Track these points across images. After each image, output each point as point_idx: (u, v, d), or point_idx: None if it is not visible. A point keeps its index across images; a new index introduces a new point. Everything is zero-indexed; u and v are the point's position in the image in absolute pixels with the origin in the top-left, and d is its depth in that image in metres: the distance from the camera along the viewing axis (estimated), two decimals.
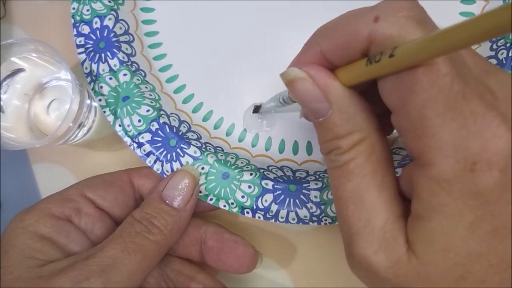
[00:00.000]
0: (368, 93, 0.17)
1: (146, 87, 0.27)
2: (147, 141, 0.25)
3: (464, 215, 0.14)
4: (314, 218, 0.24)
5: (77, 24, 0.27)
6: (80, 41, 0.27)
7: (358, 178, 0.16)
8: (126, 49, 0.27)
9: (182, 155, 0.25)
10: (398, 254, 0.15)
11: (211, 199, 0.25)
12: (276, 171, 0.26)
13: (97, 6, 0.27)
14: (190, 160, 0.25)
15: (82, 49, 0.27)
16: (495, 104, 0.14)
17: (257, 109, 0.27)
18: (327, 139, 0.17)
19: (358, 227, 0.16)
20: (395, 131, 0.17)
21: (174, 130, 0.26)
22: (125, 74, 0.26)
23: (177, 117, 0.27)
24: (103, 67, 0.26)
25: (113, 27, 0.27)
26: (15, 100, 0.27)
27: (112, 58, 0.26)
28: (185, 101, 0.28)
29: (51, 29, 0.30)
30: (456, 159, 0.14)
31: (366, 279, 0.17)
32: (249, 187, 0.25)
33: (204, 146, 0.26)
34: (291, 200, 0.24)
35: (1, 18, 0.30)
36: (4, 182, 0.29)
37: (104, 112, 0.26)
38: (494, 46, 0.25)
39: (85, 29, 0.27)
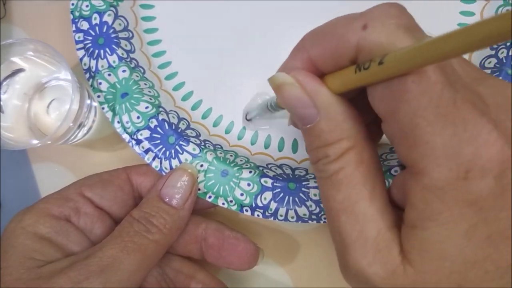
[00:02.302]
0: (356, 100, 0.17)
1: (145, 84, 0.26)
2: (146, 138, 0.25)
3: (458, 223, 0.14)
4: (314, 217, 0.24)
5: (76, 20, 0.27)
6: (79, 37, 0.26)
7: (348, 189, 0.16)
8: (126, 45, 0.27)
9: (181, 152, 0.25)
10: (393, 265, 0.15)
11: (210, 197, 0.24)
12: (276, 169, 0.25)
13: (97, 2, 0.27)
14: (189, 158, 0.25)
15: (81, 45, 0.26)
16: (486, 111, 0.14)
17: (247, 118, 0.27)
18: (315, 146, 0.16)
19: (351, 238, 0.16)
20: (384, 137, 0.17)
21: (173, 127, 0.25)
22: (124, 71, 0.26)
23: (176, 114, 0.27)
24: (102, 63, 0.26)
25: (113, 23, 0.27)
26: (15, 100, 0.27)
27: (111, 55, 0.26)
28: (184, 98, 0.28)
29: (51, 29, 0.30)
30: (448, 167, 0.13)
31: None
32: (248, 185, 0.24)
33: (203, 144, 0.26)
34: (290, 198, 0.24)
35: (1, 18, 0.30)
36: (4, 182, 0.29)
37: (103, 108, 0.26)
38: (494, 45, 0.25)
39: (84, 25, 0.27)
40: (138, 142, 0.25)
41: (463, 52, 0.11)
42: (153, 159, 0.25)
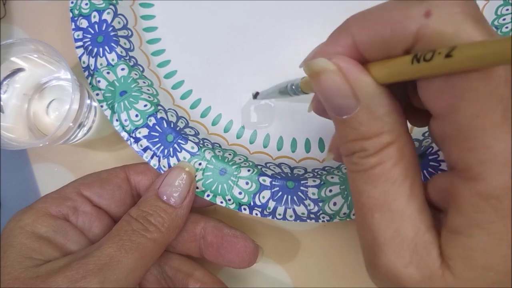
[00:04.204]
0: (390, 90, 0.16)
1: (144, 82, 0.26)
2: (144, 136, 0.25)
3: (509, 233, 0.13)
4: (312, 216, 0.24)
5: (75, 18, 0.27)
6: (78, 35, 0.26)
7: (386, 185, 0.15)
8: (125, 43, 0.27)
9: (179, 150, 0.25)
10: (431, 269, 0.14)
11: (208, 195, 0.24)
12: (274, 167, 0.25)
13: (96, 0, 0.27)
14: (188, 156, 0.25)
15: (80, 43, 0.26)
16: None
17: (256, 95, 0.26)
18: (350, 139, 0.15)
19: (384, 237, 0.15)
20: None
21: (172, 126, 0.25)
22: (123, 69, 0.26)
23: (175, 112, 0.27)
24: (101, 61, 0.26)
25: (112, 21, 0.27)
26: (14, 100, 0.27)
27: (110, 53, 0.26)
28: (183, 97, 0.28)
29: (51, 29, 0.30)
30: (510, 175, 0.12)
31: None
32: (247, 183, 0.24)
33: (201, 142, 0.26)
34: (289, 197, 0.24)
35: (1, 18, 0.30)
36: (4, 182, 0.29)
37: (102, 106, 0.26)
38: None
39: (84, 23, 0.27)
40: (137, 140, 0.25)
41: None
42: (152, 157, 0.25)
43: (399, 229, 0.14)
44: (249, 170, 0.25)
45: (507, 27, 0.25)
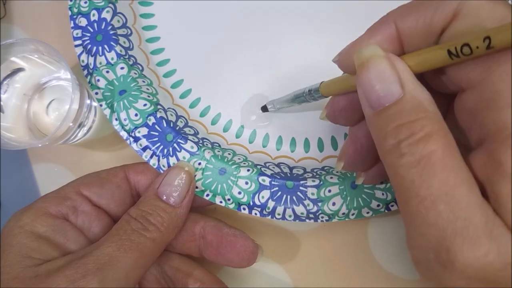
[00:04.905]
0: None
1: (144, 81, 0.26)
2: (144, 136, 0.25)
3: None
4: (311, 215, 0.24)
5: (74, 17, 0.27)
6: (77, 34, 0.26)
7: (445, 173, 0.14)
8: (124, 42, 0.27)
9: (178, 150, 0.25)
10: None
11: (207, 195, 0.24)
12: (273, 167, 0.25)
13: None
14: (187, 155, 0.25)
15: (79, 42, 0.26)
16: None
17: (265, 108, 0.27)
18: (395, 125, 0.15)
19: (454, 229, 0.13)
20: None
21: (171, 125, 0.25)
22: (122, 68, 0.26)
23: (174, 112, 0.27)
24: (100, 60, 0.26)
25: (111, 20, 0.26)
26: (14, 100, 0.27)
27: (110, 51, 0.26)
28: (183, 96, 0.28)
29: (51, 29, 0.30)
30: None
31: None
32: (246, 183, 0.24)
33: (201, 142, 0.26)
34: (288, 196, 0.24)
35: (1, 18, 0.30)
36: (4, 182, 0.29)
37: (101, 105, 0.26)
38: None
39: (83, 22, 0.26)
40: (136, 139, 0.25)
41: None
42: (151, 156, 0.25)
43: (470, 218, 0.13)
44: (248, 170, 0.25)
45: None
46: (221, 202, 0.24)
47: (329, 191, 0.24)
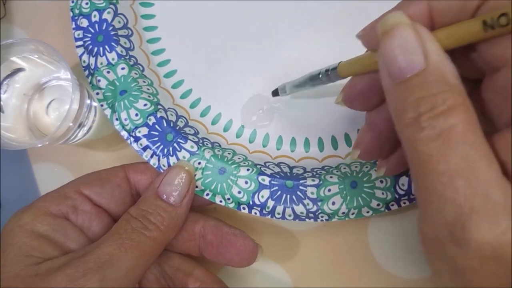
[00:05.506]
0: None
1: (144, 82, 0.26)
2: (144, 135, 0.25)
3: None
4: (311, 215, 0.24)
5: (76, 18, 0.27)
6: (78, 35, 0.27)
7: (465, 148, 0.13)
8: (125, 43, 0.27)
9: (179, 149, 0.25)
10: None
11: (207, 195, 0.24)
12: (273, 167, 0.25)
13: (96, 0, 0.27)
14: (187, 155, 0.25)
15: (80, 43, 0.26)
16: None
17: (276, 92, 0.26)
18: (416, 97, 0.14)
19: (472, 205, 0.13)
20: None
21: (171, 125, 0.25)
22: (123, 68, 0.26)
23: (174, 112, 0.27)
24: (101, 60, 0.26)
25: (112, 20, 0.27)
26: (14, 100, 0.27)
27: (110, 52, 0.26)
28: (183, 96, 0.28)
29: (51, 29, 0.30)
30: None
31: (478, 270, 0.14)
32: (246, 182, 0.24)
33: (201, 141, 0.26)
34: (288, 196, 0.24)
35: (1, 18, 0.30)
36: (4, 182, 0.29)
37: (102, 106, 0.26)
38: None
39: (84, 23, 0.27)
40: (137, 139, 0.25)
41: None
42: (151, 156, 0.25)
43: (489, 194, 0.13)
44: (248, 169, 0.25)
45: None
46: (221, 201, 0.24)
47: (329, 190, 0.24)
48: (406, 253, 0.26)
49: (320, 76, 0.22)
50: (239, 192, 0.24)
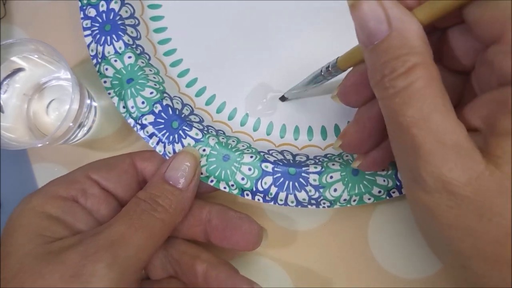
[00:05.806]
0: None
1: (150, 70, 0.27)
2: (150, 123, 0.26)
3: None
4: (313, 201, 0.24)
5: (84, 7, 0.27)
6: (86, 24, 0.27)
7: (419, 102, 0.15)
8: (132, 32, 0.27)
9: (184, 137, 0.25)
10: (477, 170, 0.14)
11: (211, 181, 0.25)
12: (277, 154, 0.26)
13: None
14: (192, 142, 0.25)
15: (88, 32, 0.27)
16: None
17: (283, 98, 0.27)
18: (381, 62, 0.16)
19: (426, 148, 0.15)
20: None
21: (177, 113, 0.26)
22: (129, 57, 0.26)
23: (180, 100, 0.27)
24: (109, 49, 0.27)
25: (119, 10, 0.27)
26: (14, 100, 0.27)
27: (118, 41, 0.27)
28: (189, 85, 0.28)
29: (51, 29, 0.30)
30: None
31: (437, 205, 0.15)
32: (249, 169, 0.25)
33: (206, 129, 0.26)
34: (290, 183, 0.25)
35: (1, 18, 0.30)
36: (4, 182, 0.29)
37: (109, 94, 0.26)
38: None
39: (92, 12, 0.27)
40: (143, 126, 0.26)
41: None
42: (157, 143, 0.26)
43: (440, 140, 0.15)
44: (251, 157, 0.25)
45: None
46: (225, 188, 0.25)
47: (331, 177, 0.24)
48: (406, 253, 0.26)
49: (322, 73, 0.23)
50: (243, 179, 0.25)
